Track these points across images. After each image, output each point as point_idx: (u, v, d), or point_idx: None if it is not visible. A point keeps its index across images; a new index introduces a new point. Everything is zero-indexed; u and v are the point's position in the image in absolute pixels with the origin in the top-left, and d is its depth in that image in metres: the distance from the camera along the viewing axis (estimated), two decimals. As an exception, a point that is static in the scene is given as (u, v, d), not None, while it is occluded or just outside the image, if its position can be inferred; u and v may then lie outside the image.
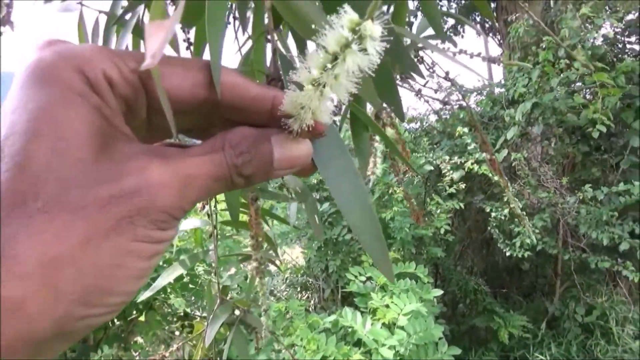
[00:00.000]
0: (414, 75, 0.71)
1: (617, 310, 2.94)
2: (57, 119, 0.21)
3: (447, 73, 0.57)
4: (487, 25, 6.23)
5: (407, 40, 0.61)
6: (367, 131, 0.52)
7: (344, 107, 0.57)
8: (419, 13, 0.61)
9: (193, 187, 0.23)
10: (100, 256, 0.20)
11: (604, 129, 2.52)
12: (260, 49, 0.40)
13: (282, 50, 0.31)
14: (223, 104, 0.25)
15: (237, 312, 0.76)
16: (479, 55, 0.59)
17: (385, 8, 0.55)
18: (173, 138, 0.30)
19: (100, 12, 0.57)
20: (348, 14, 0.20)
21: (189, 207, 0.23)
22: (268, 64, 0.35)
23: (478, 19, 5.65)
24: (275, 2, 0.29)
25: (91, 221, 0.20)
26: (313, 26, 0.25)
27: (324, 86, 0.22)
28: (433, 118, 3.66)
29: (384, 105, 0.51)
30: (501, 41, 4.70)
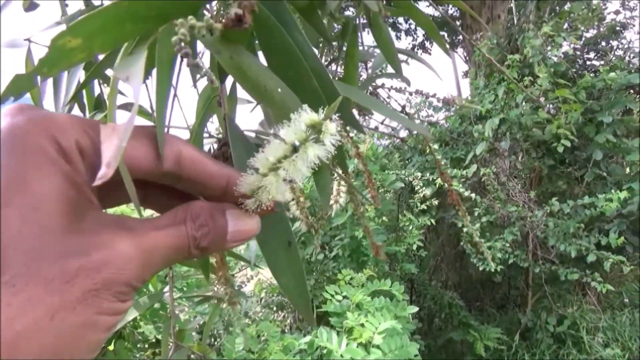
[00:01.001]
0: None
1: (587, 319, 3.01)
2: (29, 188, 0.21)
3: (403, 107, 0.58)
4: (456, 39, 6.39)
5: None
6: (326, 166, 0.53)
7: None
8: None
9: (156, 259, 0.24)
10: (65, 329, 0.20)
11: (568, 144, 2.59)
12: (210, 110, 0.40)
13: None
14: (183, 177, 0.27)
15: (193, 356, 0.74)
16: (433, 96, 0.61)
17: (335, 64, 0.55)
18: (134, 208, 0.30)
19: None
20: (308, 114, 0.24)
21: (150, 277, 0.24)
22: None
23: (446, 35, 5.78)
24: (225, 66, 0.29)
25: (58, 294, 0.20)
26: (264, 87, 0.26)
27: (284, 171, 0.25)
28: (404, 134, 3.71)
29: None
30: (467, 58, 4.82)
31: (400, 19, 6.89)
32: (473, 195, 2.88)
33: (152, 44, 0.26)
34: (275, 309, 3.21)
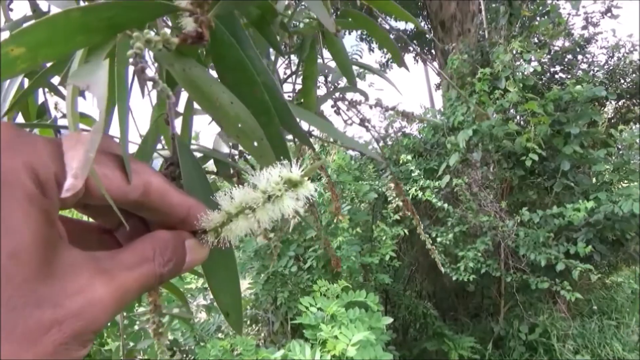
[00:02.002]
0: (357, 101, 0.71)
1: (557, 327, 3.07)
2: (6, 230, 0.20)
3: (362, 120, 0.58)
4: (428, 49, 6.50)
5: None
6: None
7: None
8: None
9: (127, 300, 0.24)
10: None
11: (537, 158, 2.65)
12: (157, 128, 0.40)
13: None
14: (147, 207, 0.27)
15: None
16: (388, 109, 0.61)
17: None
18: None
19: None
20: (288, 170, 0.24)
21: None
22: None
23: (418, 49, 5.88)
24: (178, 79, 0.29)
25: (32, 350, 0.19)
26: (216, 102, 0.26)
27: (252, 216, 0.25)
28: (377, 145, 3.73)
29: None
30: (439, 70, 4.90)
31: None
32: (446, 205, 2.92)
33: (109, 55, 0.25)
34: (249, 322, 3.17)
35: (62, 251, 0.22)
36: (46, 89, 0.55)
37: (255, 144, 0.31)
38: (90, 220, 0.30)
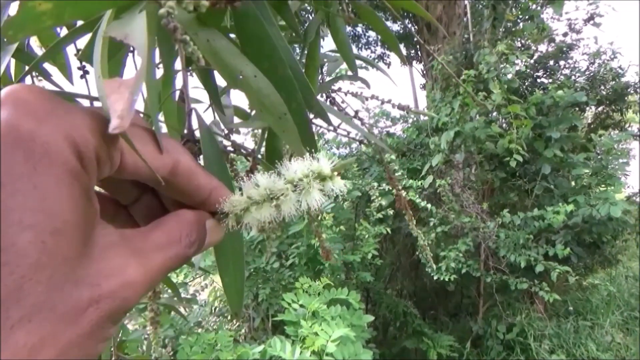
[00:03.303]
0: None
1: (534, 326, 3.12)
2: (49, 206, 0.19)
3: (356, 112, 0.58)
4: (413, 53, 6.55)
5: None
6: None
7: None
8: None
9: (157, 281, 0.24)
10: None
11: (520, 159, 2.69)
12: (170, 102, 0.39)
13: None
14: (172, 185, 0.27)
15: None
16: (384, 102, 0.61)
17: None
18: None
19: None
20: (318, 164, 0.25)
21: None
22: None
23: (404, 49, 5.92)
24: (202, 50, 0.28)
25: (70, 330, 0.20)
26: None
27: (275, 204, 0.26)
28: (362, 144, 3.75)
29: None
30: (424, 71, 4.94)
31: (359, 31, 7.02)
32: (429, 205, 2.94)
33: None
34: (229, 317, 3.15)
35: (99, 229, 0.22)
36: (35, 73, 0.54)
37: (279, 118, 0.30)
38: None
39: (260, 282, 2.68)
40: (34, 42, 0.56)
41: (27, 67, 0.38)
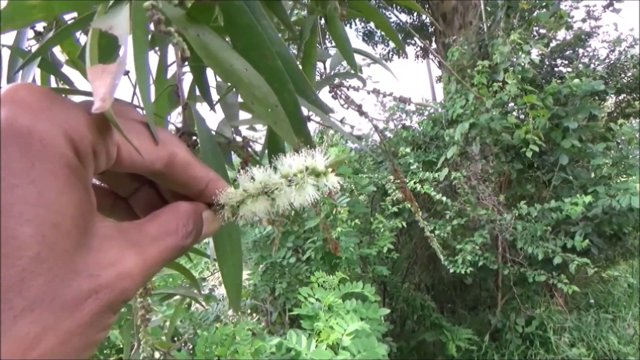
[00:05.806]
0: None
1: (554, 320, 3.08)
2: (47, 200, 0.20)
3: (359, 106, 0.59)
4: (431, 45, 6.48)
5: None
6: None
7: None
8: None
9: (153, 272, 0.25)
10: (70, 353, 0.21)
11: (537, 149, 2.65)
12: (164, 97, 0.40)
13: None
14: (169, 177, 0.27)
15: (157, 354, 0.73)
16: (385, 95, 0.62)
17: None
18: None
19: (2, 45, 0.54)
20: (313, 159, 0.25)
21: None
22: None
23: (420, 41, 5.85)
24: (192, 45, 0.29)
25: (70, 319, 0.20)
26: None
27: (270, 197, 0.26)
28: (377, 137, 3.73)
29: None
30: (440, 63, 4.88)
31: (372, 27, 6.95)
32: (444, 198, 2.92)
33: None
34: (249, 311, 3.18)
35: (96, 222, 0.23)
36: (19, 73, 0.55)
37: (270, 110, 0.31)
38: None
39: (277, 277, 2.70)
40: (59, 52, 0.57)
41: (52, 76, 0.40)
